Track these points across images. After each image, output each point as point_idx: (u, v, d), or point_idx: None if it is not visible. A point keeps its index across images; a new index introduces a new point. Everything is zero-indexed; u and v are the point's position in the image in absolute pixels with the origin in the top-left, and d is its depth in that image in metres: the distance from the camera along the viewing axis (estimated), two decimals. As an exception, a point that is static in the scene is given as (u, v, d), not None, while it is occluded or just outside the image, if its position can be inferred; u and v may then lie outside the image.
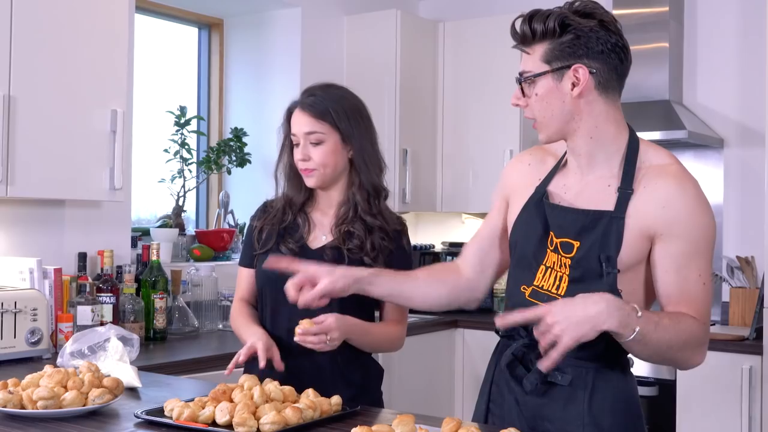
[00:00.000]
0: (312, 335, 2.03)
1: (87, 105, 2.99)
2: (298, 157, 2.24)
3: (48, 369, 1.97)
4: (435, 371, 4.16)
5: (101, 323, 2.97)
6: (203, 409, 1.80)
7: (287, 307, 2.18)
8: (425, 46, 4.58)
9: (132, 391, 2.15)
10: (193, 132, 4.05)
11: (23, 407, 1.85)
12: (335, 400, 1.90)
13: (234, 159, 4.09)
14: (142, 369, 2.55)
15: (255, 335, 2.18)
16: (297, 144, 2.25)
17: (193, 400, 1.85)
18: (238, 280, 2.39)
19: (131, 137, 3.37)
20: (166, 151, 3.95)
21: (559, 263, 1.79)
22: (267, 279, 2.26)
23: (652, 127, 3.95)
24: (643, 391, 3.62)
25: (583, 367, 1.78)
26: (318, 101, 2.24)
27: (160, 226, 3.83)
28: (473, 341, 4.19)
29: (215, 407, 1.79)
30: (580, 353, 1.72)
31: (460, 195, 4.60)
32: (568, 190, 1.84)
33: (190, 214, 4.24)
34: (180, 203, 3.97)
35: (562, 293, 1.77)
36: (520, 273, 1.87)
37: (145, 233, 3.73)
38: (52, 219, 3.25)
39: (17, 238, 3.14)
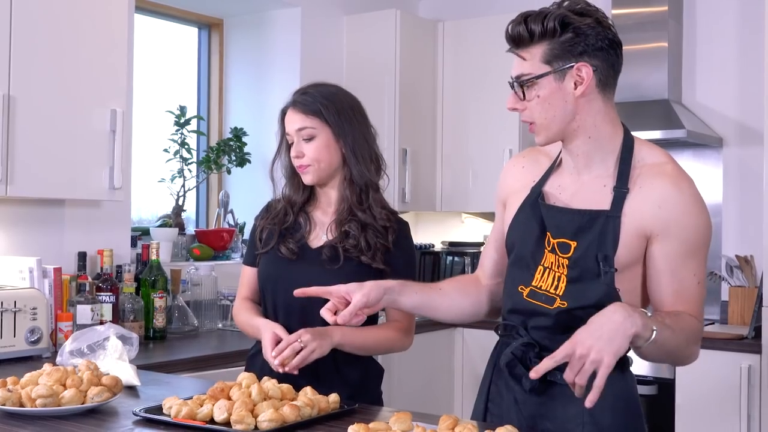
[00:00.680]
0: (287, 354, 2.04)
1: (87, 105, 2.99)
2: (292, 154, 2.24)
3: (47, 367, 1.98)
4: (434, 370, 4.16)
5: (101, 322, 2.98)
6: (201, 406, 1.80)
7: (286, 306, 2.22)
8: (425, 45, 4.58)
9: (131, 389, 2.16)
10: (192, 132, 4.06)
11: (22, 405, 1.85)
12: (333, 398, 1.91)
13: (234, 159, 4.10)
14: (141, 368, 2.56)
15: (268, 325, 2.18)
16: (292, 143, 2.26)
17: (191, 398, 1.85)
18: (241, 278, 2.39)
19: (131, 137, 3.38)
20: (166, 150, 3.95)
21: (556, 263, 1.79)
22: (267, 278, 2.27)
23: (651, 127, 3.95)
24: (642, 390, 3.56)
25: None
26: (308, 98, 2.25)
27: (159, 226, 3.83)
28: (472, 341, 4.19)
29: (213, 405, 1.80)
30: None
31: (460, 194, 4.59)
32: (563, 191, 1.84)
33: (189, 213, 4.24)
34: (180, 203, 3.97)
35: (561, 293, 1.77)
36: (518, 273, 1.86)
37: (144, 233, 3.74)
38: (52, 218, 3.26)
39: (17, 237, 3.15)
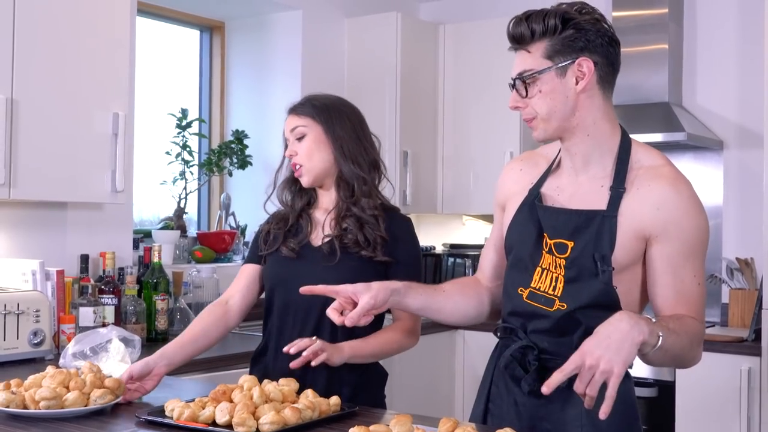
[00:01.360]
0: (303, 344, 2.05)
1: (89, 108, 3.00)
2: (287, 154, 2.30)
3: (50, 370, 1.99)
4: (435, 373, 4.16)
5: (103, 324, 2.99)
6: (203, 409, 1.82)
7: (296, 308, 2.23)
8: (426, 48, 4.58)
9: (133, 391, 2.16)
10: (194, 134, 4.07)
11: (26, 407, 1.86)
12: (334, 400, 1.92)
13: (235, 161, 4.10)
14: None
15: (164, 356, 2.22)
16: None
17: (193, 400, 1.87)
18: (237, 276, 2.41)
19: (133, 140, 3.39)
20: (167, 153, 3.96)
21: (554, 264, 1.80)
22: (272, 278, 2.29)
23: (651, 129, 3.95)
24: (642, 392, 3.64)
25: None
26: (302, 101, 2.32)
27: (161, 228, 3.84)
28: (473, 343, 4.20)
29: (215, 407, 1.81)
30: None
31: (461, 196, 4.59)
32: (561, 192, 1.85)
33: (191, 216, 4.25)
34: (181, 205, 3.98)
35: (558, 294, 1.78)
36: (517, 275, 1.87)
37: (146, 235, 3.75)
38: (55, 221, 3.27)
39: (20, 239, 3.16)
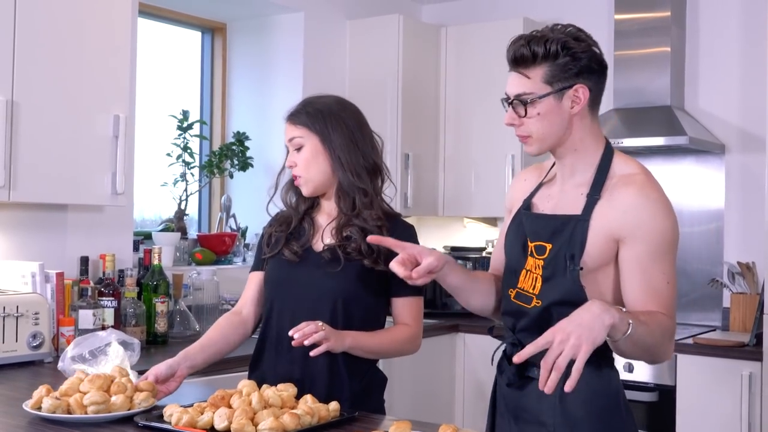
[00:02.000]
0: (309, 330, 2.04)
1: (89, 110, 3.00)
2: (286, 164, 2.30)
3: (80, 374, 2.03)
4: (436, 376, 4.15)
5: (102, 327, 2.99)
6: (202, 414, 1.81)
7: (294, 314, 2.20)
8: (428, 50, 4.58)
9: (132, 395, 2.16)
10: (195, 136, 4.06)
11: (69, 413, 1.89)
12: (333, 406, 1.92)
13: (236, 163, 4.10)
14: (142, 373, 2.57)
15: (187, 358, 2.21)
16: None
17: (192, 405, 1.86)
18: (246, 285, 2.40)
19: (133, 142, 3.38)
20: (168, 154, 3.95)
21: (534, 265, 1.95)
22: (272, 281, 2.27)
23: (653, 133, 3.95)
24: (643, 396, 3.63)
25: None
26: (298, 108, 2.30)
27: (162, 230, 3.83)
28: (474, 346, 4.19)
29: (214, 413, 1.80)
30: None
31: (462, 199, 4.59)
32: (550, 200, 2.00)
33: (192, 217, 4.24)
34: (182, 207, 3.97)
35: (537, 292, 1.93)
36: (508, 278, 2.03)
37: (147, 237, 3.74)
38: (55, 223, 3.27)
39: (19, 241, 3.16)
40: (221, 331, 2.31)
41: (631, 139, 3.96)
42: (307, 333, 2.03)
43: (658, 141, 3.89)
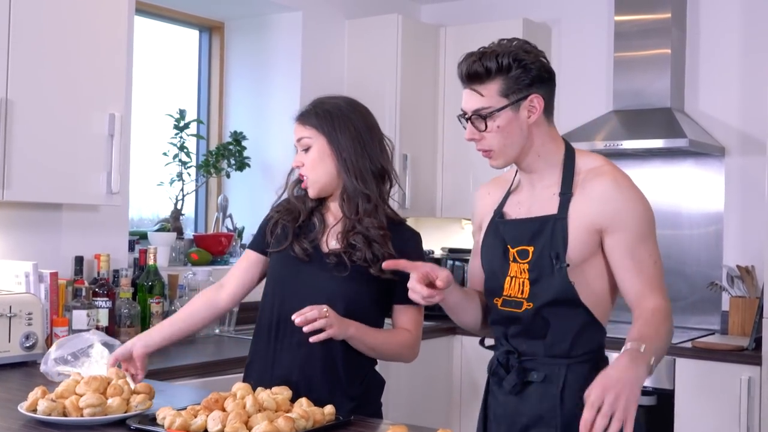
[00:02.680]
0: (312, 315, 2.01)
1: (85, 109, 2.97)
2: (293, 164, 2.26)
3: (76, 376, 2.02)
4: (432, 379, 4.13)
5: (97, 327, 2.97)
6: (195, 417, 1.79)
7: (292, 308, 2.12)
8: (426, 50, 4.56)
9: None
10: (192, 135, 4.04)
11: (65, 415, 1.88)
12: (328, 409, 1.89)
13: (233, 163, 4.08)
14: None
15: (141, 337, 2.25)
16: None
17: (185, 408, 1.84)
18: (238, 261, 2.37)
19: (129, 141, 3.36)
20: (165, 154, 3.93)
21: (519, 270, 1.98)
22: (277, 279, 2.23)
23: (653, 135, 3.93)
24: (641, 400, 3.54)
25: (556, 365, 1.95)
26: (308, 108, 2.25)
27: (157, 230, 3.81)
28: (471, 348, 4.16)
29: (207, 416, 1.78)
30: (552, 351, 1.95)
31: (460, 200, 4.54)
32: (521, 205, 2.04)
33: (188, 217, 4.21)
34: (178, 207, 3.95)
35: (526, 296, 1.96)
36: (491, 287, 2.05)
37: (142, 237, 3.71)
38: (49, 222, 3.24)
39: (13, 241, 3.13)
40: (190, 309, 2.33)
41: (631, 141, 3.94)
42: (309, 318, 1.99)
43: (658, 143, 3.87)
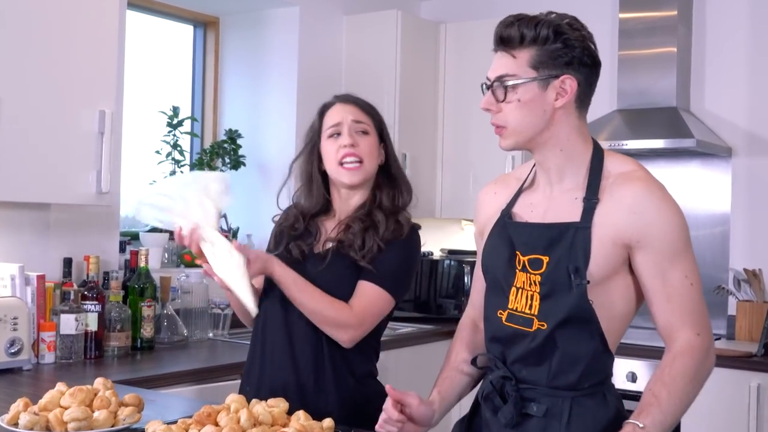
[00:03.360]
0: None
1: (74, 105, 2.87)
2: (343, 142, 2.14)
3: (61, 386, 1.89)
4: (430, 384, 4.04)
5: (86, 333, 2.87)
6: (186, 432, 1.69)
7: (278, 316, 2.12)
8: (426, 47, 4.49)
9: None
10: (186, 133, 3.96)
11: (49, 429, 1.77)
12: (327, 423, 1.80)
13: (228, 162, 4.01)
14: (127, 382, 2.46)
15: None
16: (335, 134, 2.16)
17: (176, 422, 1.74)
18: None
19: (120, 139, 3.26)
20: (157, 152, 3.85)
21: (528, 282, 1.75)
22: (270, 283, 2.15)
23: (658, 135, 3.85)
24: None
25: (559, 397, 1.73)
26: (361, 99, 2.22)
27: (149, 231, 3.71)
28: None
29: (199, 431, 1.68)
30: (555, 382, 1.72)
31: (460, 201, 4.50)
32: (535, 208, 1.81)
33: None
34: (171, 206, 3.84)
35: (535, 312, 1.73)
36: (494, 298, 1.82)
37: (134, 237, 3.62)
38: (37, 223, 3.13)
39: (0, 242, 3.02)
40: None
41: (635, 141, 3.85)
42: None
43: (665, 143, 3.79)
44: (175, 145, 3.85)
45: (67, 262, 3.03)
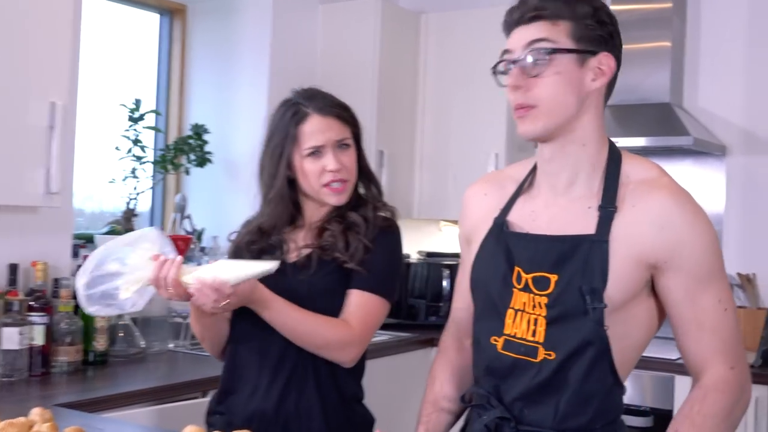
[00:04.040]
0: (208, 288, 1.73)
1: (21, 97, 2.63)
2: (330, 167, 1.95)
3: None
4: (409, 395, 3.85)
5: (30, 348, 2.62)
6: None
7: (256, 335, 1.93)
8: (406, 39, 4.34)
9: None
10: (148, 128, 3.76)
11: None
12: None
13: (193, 158, 3.82)
14: (75, 406, 2.24)
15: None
16: (315, 153, 1.95)
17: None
18: None
19: (74, 133, 3.01)
20: (117, 148, 3.64)
21: (531, 304, 1.52)
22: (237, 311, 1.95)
23: (651, 132, 3.70)
24: (636, 421, 3.36)
25: None
26: (336, 102, 2.02)
27: (107, 233, 3.48)
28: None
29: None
30: (564, 425, 1.50)
31: (439, 200, 4.36)
32: (537, 216, 1.59)
33: (143, 218, 3.92)
34: (131, 206, 3.65)
35: (541, 340, 1.51)
36: (487, 321, 1.60)
37: (89, 240, 3.37)
38: (-20, 225, 2.88)
39: (-62, 246, 2.78)
40: None
41: (628, 139, 3.68)
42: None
43: (659, 141, 3.62)
44: (136, 141, 3.65)
45: (13, 269, 2.77)
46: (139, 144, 3.65)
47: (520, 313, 1.53)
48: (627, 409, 3.23)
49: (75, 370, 2.77)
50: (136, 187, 3.66)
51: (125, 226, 3.57)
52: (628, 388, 1.57)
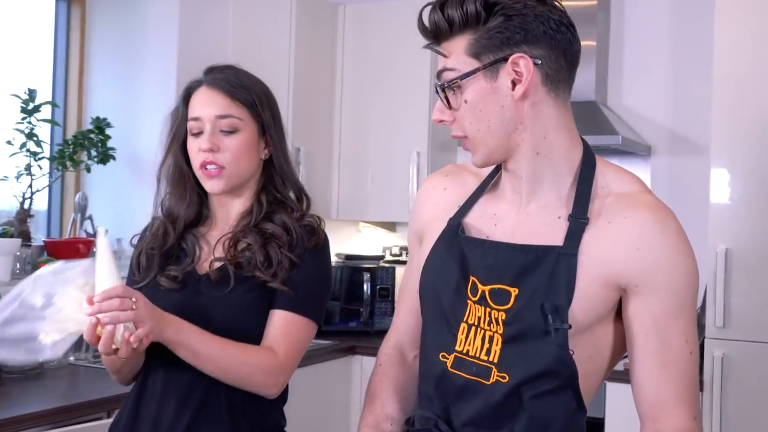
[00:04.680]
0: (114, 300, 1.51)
1: None
2: (202, 146, 1.75)
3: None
4: (329, 405, 3.73)
5: None
6: None
7: (166, 359, 1.70)
8: (323, 30, 4.21)
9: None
10: (44, 121, 3.53)
11: None
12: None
13: (94, 154, 3.62)
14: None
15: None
16: (198, 133, 1.76)
17: None
18: None
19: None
20: (9, 143, 3.41)
21: (487, 319, 1.38)
22: None
23: (578, 131, 3.59)
24: None
25: None
26: (233, 78, 1.80)
27: (-1, 235, 3.23)
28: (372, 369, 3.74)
29: None
30: None
31: (358, 201, 4.25)
32: (499, 221, 1.44)
33: (39, 219, 3.71)
34: (25, 206, 3.44)
35: (495, 359, 1.36)
36: (436, 335, 1.44)
37: (-22, 244, 3.11)
38: None
39: None
40: None
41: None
42: (104, 308, 1.50)
43: (587, 141, 3.52)
44: (31, 135, 3.42)
45: None
46: (35, 138, 3.44)
47: (474, 328, 1.38)
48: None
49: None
50: (32, 185, 3.47)
51: (19, 228, 3.37)
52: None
